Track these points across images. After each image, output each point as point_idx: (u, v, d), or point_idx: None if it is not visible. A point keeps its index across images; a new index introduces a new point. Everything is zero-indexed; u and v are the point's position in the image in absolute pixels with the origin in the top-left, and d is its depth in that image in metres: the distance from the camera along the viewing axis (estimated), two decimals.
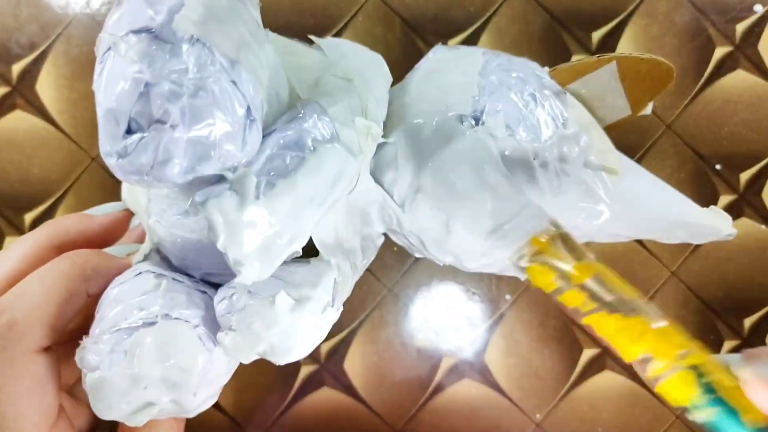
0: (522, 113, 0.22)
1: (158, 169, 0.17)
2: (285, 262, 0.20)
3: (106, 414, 0.20)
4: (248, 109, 0.17)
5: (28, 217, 0.31)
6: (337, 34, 0.31)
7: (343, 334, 0.32)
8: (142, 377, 0.20)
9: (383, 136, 0.22)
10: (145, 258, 0.23)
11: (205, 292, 0.22)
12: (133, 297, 0.20)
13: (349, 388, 0.32)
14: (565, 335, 0.32)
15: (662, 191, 0.24)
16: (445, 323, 0.32)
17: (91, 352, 0.20)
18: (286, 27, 0.31)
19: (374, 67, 0.24)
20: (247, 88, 0.17)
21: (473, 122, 0.22)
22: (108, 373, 0.20)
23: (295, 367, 0.32)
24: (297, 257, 0.21)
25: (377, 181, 0.23)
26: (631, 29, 0.31)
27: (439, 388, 0.32)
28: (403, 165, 0.22)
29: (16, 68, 0.31)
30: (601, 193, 0.22)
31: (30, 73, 0.31)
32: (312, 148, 0.19)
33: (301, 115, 0.20)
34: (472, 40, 0.31)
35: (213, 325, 0.21)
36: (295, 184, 0.19)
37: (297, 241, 0.19)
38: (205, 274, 0.23)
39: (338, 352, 0.32)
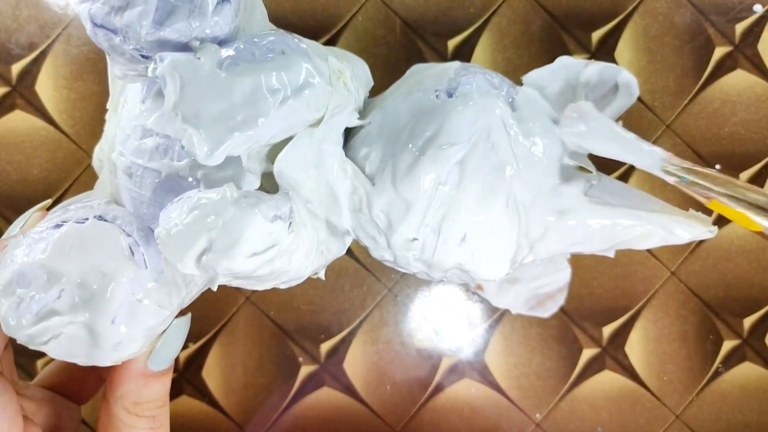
0: (494, 86, 0.23)
1: (129, 17, 0.18)
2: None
3: (12, 322, 0.18)
4: None
5: None
6: (337, 35, 0.31)
7: (342, 334, 0.32)
8: (58, 274, 0.18)
9: (360, 119, 0.23)
10: None
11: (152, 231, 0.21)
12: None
13: (348, 388, 0.32)
14: (565, 335, 0.32)
15: (638, 192, 0.24)
16: (444, 323, 0.32)
17: (12, 249, 0.19)
18: (286, 28, 0.31)
19: (358, 62, 0.24)
20: None
21: (447, 96, 0.22)
22: (25, 261, 0.18)
23: (295, 367, 0.32)
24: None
25: (352, 159, 0.23)
26: (630, 29, 0.31)
27: (438, 388, 0.32)
28: (376, 140, 0.23)
29: (16, 68, 0.31)
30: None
31: (29, 74, 0.31)
32: (282, 52, 0.20)
33: (275, 30, 0.21)
34: (472, 41, 0.31)
35: (149, 248, 0.20)
36: (258, 71, 0.19)
37: (251, 127, 0.19)
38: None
39: (338, 352, 0.32)
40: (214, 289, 0.19)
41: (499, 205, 0.21)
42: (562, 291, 0.29)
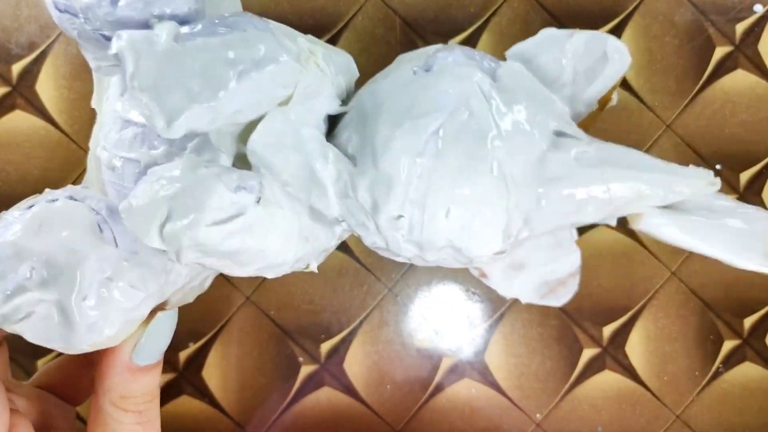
0: (472, 59, 0.22)
1: None
2: None
3: None
4: None
5: None
6: (337, 34, 0.31)
7: (343, 334, 0.32)
8: (29, 252, 0.19)
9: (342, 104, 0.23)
10: None
11: None
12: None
13: (349, 388, 0.32)
14: (565, 335, 0.32)
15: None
16: (445, 323, 0.32)
17: None
18: None
19: (338, 50, 0.24)
20: None
21: (424, 72, 0.22)
22: None
23: (295, 367, 0.32)
24: None
25: (336, 146, 0.23)
26: (631, 29, 0.31)
27: (439, 388, 0.32)
28: (356, 122, 0.22)
29: (16, 68, 0.31)
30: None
31: (29, 73, 0.31)
32: (244, 30, 0.20)
33: (242, 12, 0.21)
34: (472, 40, 0.31)
35: (118, 226, 0.20)
36: (216, 44, 0.19)
37: (209, 99, 0.19)
38: None
39: (338, 352, 0.32)
40: (181, 263, 0.19)
41: (483, 174, 0.21)
42: (574, 276, 0.27)
